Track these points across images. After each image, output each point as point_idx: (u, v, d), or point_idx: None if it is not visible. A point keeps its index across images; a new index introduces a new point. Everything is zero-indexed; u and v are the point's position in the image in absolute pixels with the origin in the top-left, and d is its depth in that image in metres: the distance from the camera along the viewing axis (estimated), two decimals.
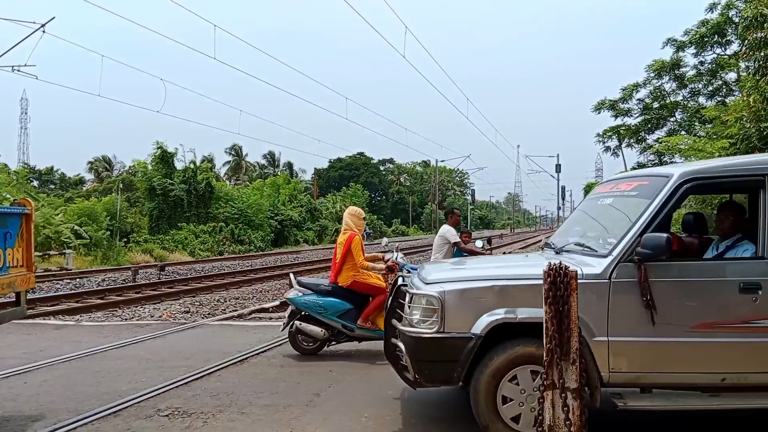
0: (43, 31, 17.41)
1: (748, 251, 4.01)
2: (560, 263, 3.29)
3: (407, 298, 4.14)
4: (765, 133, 12.07)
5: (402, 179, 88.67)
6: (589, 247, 4.22)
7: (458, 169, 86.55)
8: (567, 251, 4.41)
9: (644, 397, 3.94)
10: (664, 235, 3.71)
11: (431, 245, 9.20)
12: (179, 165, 35.06)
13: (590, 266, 3.89)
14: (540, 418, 2.84)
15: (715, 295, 3.84)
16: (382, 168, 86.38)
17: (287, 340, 6.74)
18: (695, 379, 3.85)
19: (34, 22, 17.45)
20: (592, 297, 3.77)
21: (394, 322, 4.31)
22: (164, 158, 34.00)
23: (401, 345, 4.12)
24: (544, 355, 2.84)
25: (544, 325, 2.87)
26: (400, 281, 4.54)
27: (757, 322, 3.75)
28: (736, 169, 4.12)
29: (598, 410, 3.80)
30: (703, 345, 3.78)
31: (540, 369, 3.74)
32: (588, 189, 32.65)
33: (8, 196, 24.55)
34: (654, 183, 4.11)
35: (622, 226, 4.00)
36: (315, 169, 71.23)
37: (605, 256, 3.88)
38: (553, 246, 4.78)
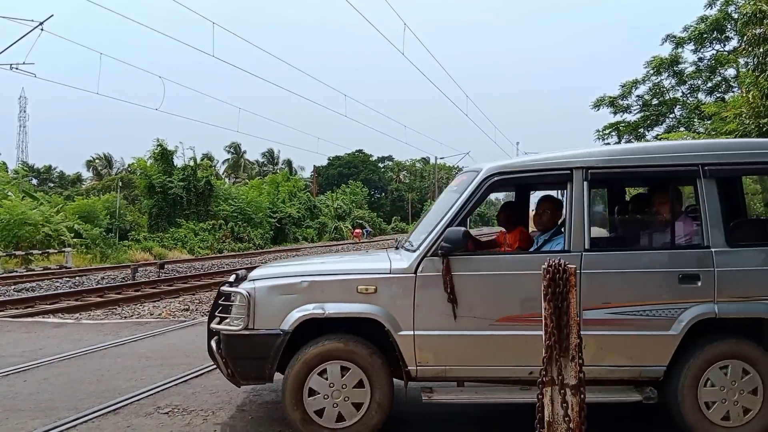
0: (42, 29, 17.39)
1: (560, 244, 4.02)
2: (560, 260, 3.29)
3: (226, 297, 4.10)
4: (764, 129, 12.08)
5: (401, 176, 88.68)
6: (411, 243, 4.22)
7: (458, 167, 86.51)
8: (402, 247, 4.42)
9: (453, 391, 3.98)
10: (462, 228, 3.77)
11: None
12: (179, 163, 35.06)
13: (400, 261, 3.95)
14: (539, 414, 2.83)
15: (520, 288, 3.84)
16: (381, 165, 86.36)
17: None
18: (503, 372, 3.88)
19: (33, 20, 17.43)
20: (398, 291, 3.83)
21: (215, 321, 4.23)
22: (164, 156, 33.96)
23: (213, 343, 4.11)
24: (543, 351, 2.83)
25: (543, 321, 2.87)
26: (232, 278, 4.47)
27: None
28: (544, 164, 4.10)
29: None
30: (509, 338, 3.80)
31: (347, 364, 3.81)
32: None
33: (10, 194, 24.57)
34: (468, 178, 4.15)
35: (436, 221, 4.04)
36: (314, 166, 71.19)
37: (414, 251, 3.92)
38: (396, 243, 4.81)
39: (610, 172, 4.06)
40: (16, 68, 18.57)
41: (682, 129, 21.87)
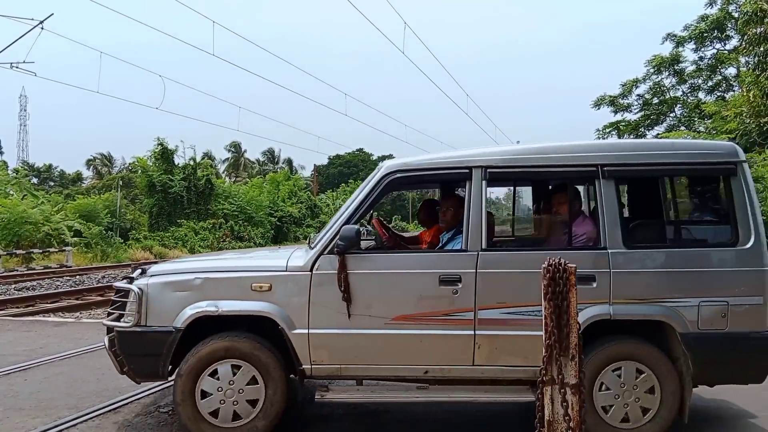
0: (42, 28, 17.37)
1: (460, 243, 3.97)
2: (560, 259, 3.28)
3: (123, 294, 4.07)
4: (765, 128, 12.09)
5: None
6: (313, 239, 4.19)
7: None
8: (309, 245, 4.37)
9: (349, 390, 3.98)
10: (355, 226, 3.75)
11: None
12: (179, 162, 35.02)
13: (298, 258, 3.90)
14: (539, 414, 2.84)
15: (415, 287, 3.81)
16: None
17: None
18: (399, 371, 3.86)
19: (33, 19, 17.42)
20: (293, 289, 3.80)
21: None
22: (164, 155, 33.91)
23: (106, 340, 4.08)
24: (543, 350, 2.82)
25: (543, 321, 2.87)
26: (136, 273, 4.39)
27: (457, 314, 3.74)
28: (444, 162, 4.09)
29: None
30: (403, 337, 3.76)
31: (239, 363, 3.75)
32: None
33: (12, 192, 24.58)
34: (371, 176, 4.15)
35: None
36: (315, 165, 71.18)
37: (313, 248, 3.90)
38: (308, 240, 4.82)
39: (509, 171, 4.05)
40: (17, 67, 18.57)
41: (682, 128, 21.87)
